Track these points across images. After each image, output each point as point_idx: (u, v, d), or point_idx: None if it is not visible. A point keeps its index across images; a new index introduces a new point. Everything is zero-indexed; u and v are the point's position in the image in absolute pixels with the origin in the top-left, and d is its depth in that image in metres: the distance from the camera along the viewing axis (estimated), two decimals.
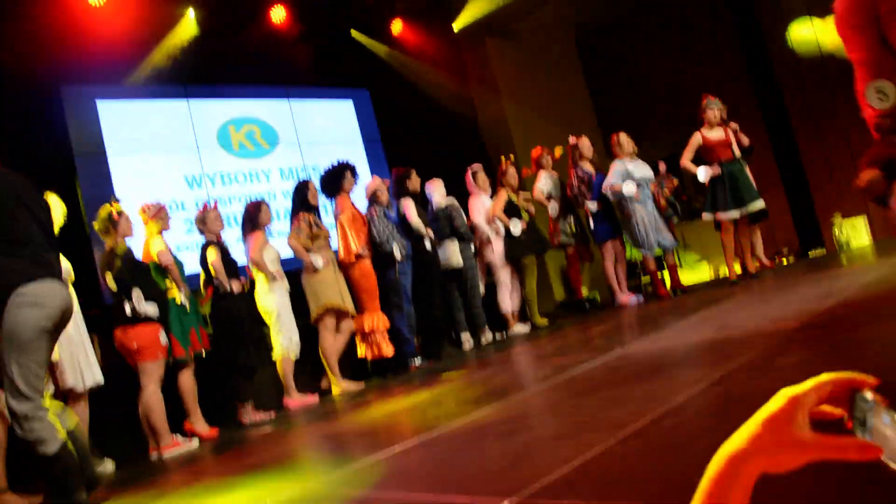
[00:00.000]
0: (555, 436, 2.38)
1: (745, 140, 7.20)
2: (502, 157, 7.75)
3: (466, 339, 7.24)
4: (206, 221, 5.66)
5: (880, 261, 5.24)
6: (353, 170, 6.61)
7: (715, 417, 2.11)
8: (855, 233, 7.60)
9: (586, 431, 2.31)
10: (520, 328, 7.45)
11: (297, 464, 3.38)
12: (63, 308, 2.80)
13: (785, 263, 7.81)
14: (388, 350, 6.41)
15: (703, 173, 6.58)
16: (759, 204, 6.58)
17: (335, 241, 6.47)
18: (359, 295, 6.36)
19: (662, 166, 8.30)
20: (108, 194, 6.11)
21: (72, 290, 4.39)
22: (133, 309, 4.61)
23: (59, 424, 2.71)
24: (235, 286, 5.50)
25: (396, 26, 9.03)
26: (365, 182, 6.81)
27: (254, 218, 5.97)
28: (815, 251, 7.86)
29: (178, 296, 5.12)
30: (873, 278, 4.31)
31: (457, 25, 9.53)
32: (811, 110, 7.99)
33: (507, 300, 7.49)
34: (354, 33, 8.43)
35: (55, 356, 4.05)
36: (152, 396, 4.68)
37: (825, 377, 0.65)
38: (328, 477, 2.80)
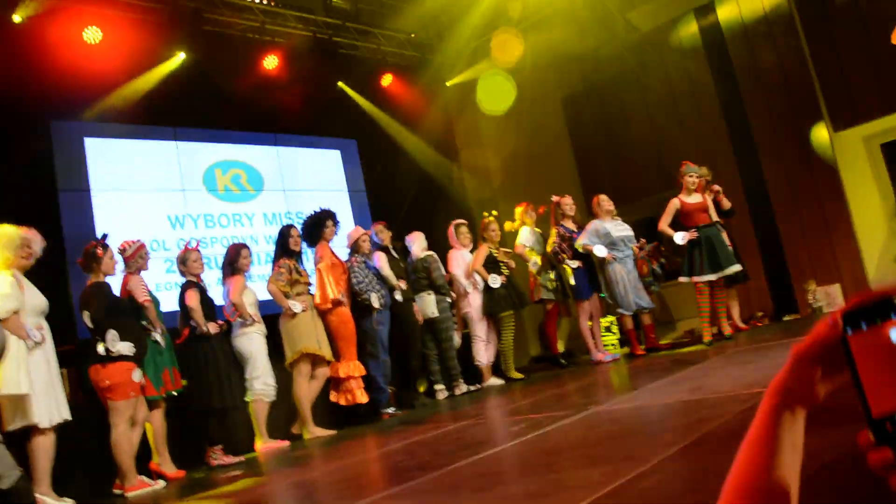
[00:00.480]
0: (529, 493, 2.38)
1: (727, 203, 7.37)
2: (485, 213, 7.85)
3: (441, 390, 7.24)
4: (187, 262, 5.66)
5: None
6: (334, 218, 6.66)
7: (692, 481, 2.13)
8: (829, 300, 7.74)
9: (561, 490, 2.32)
10: (494, 381, 7.46)
11: None
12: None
13: (760, 326, 7.90)
14: (363, 398, 6.39)
15: (679, 237, 6.71)
16: (735, 267, 6.70)
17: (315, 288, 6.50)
18: (336, 342, 6.36)
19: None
20: (89, 231, 6.12)
21: (45, 323, 4.36)
22: (107, 349, 4.57)
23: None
24: (212, 328, 5.48)
25: (386, 79, 9.20)
26: (347, 231, 6.87)
27: (234, 261, 5.99)
28: (789, 316, 7.97)
29: (154, 334, 5.10)
30: None
31: (449, 81, 9.74)
32: (788, 178, 8.19)
33: (483, 353, 7.51)
34: (341, 85, 8.55)
35: (24, 389, 4.00)
36: (122, 436, 4.61)
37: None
38: None
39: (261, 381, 5.78)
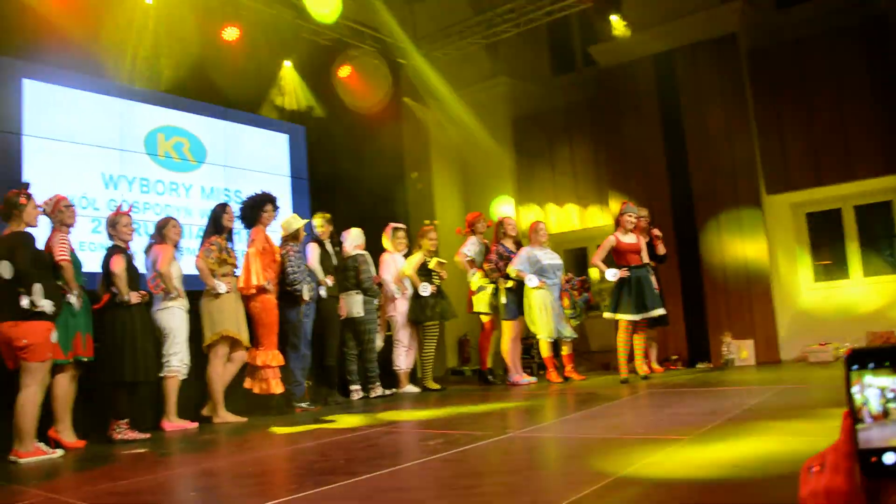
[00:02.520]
0: None
1: (662, 249, 7.61)
2: (426, 221, 7.88)
3: (356, 391, 7.20)
4: (117, 226, 5.45)
5: (763, 387, 5.55)
6: (274, 203, 6.55)
7: None
8: (741, 353, 8.05)
9: None
10: (410, 388, 7.47)
11: (165, 503, 3.21)
12: None
13: (673, 369, 8.15)
14: (278, 388, 6.29)
15: (610, 274, 6.87)
16: (659, 311, 6.91)
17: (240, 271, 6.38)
18: (257, 328, 6.24)
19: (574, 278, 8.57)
20: (15, 176, 5.82)
21: None
22: (32, 303, 4.35)
23: None
24: (134, 297, 5.29)
25: (344, 71, 9.10)
26: (285, 218, 6.75)
27: (163, 232, 5.81)
28: (702, 364, 8.26)
29: (69, 296, 4.87)
30: (757, 403, 4.56)
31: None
32: (719, 232, 8.49)
33: (403, 358, 7.52)
34: (296, 69, 8.39)
35: None
36: (31, 398, 4.40)
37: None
38: None
39: (178, 358, 5.63)
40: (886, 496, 0.67)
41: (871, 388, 0.70)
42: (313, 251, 6.93)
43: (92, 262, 5.83)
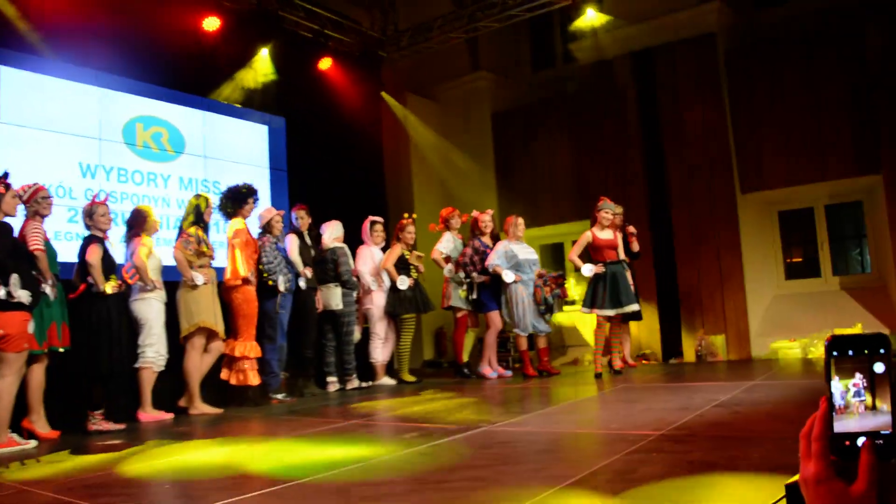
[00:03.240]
0: None
1: (636, 246, 7.72)
2: (405, 214, 7.90)
3: (332, 382, 7.23)
4: (94, 216, 5.42)
5: (734, 382, 5.66)
6: (255, 195, 6.57)
7: None
8: (712, 350, 8.19)
9: None
10: (386, 381, 7.51)
11: (138, 495, 3.22)
12: None
13: (646, 364, 8.27)
14: (255, 380, 6.32)
15: (587, 270, 6.95)
16: (634, 306, 7.02)
17: (220, 262, 6.37)
18: (236, 320, 6.27)
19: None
20: None
21: None
22: (8, 293, 4.33)
23: None
24: (110, 288, 5.27)
25: (325, 63, 9.08)
26: (261, 210, 6.76)
27: (141, 222, 5.79)
28: (675, 359, 8.38)
29: (44, 286, 4.85)
30: (728, 398, 4.66)
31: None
32: (693, 229, 8.61)
33: (379, 351, 7.55)
34: (276, 59, 8.35)
35: None
36: (7, 388, 4.39)
37: None
38: None
39: (153, 349, 5.63)
40: (893, 496, 0.71)
41: (835, 383, 0.75)
42: (292, 242, 6.94)
43: (68, 252, 5.80)
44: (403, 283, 7.47)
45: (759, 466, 2.72)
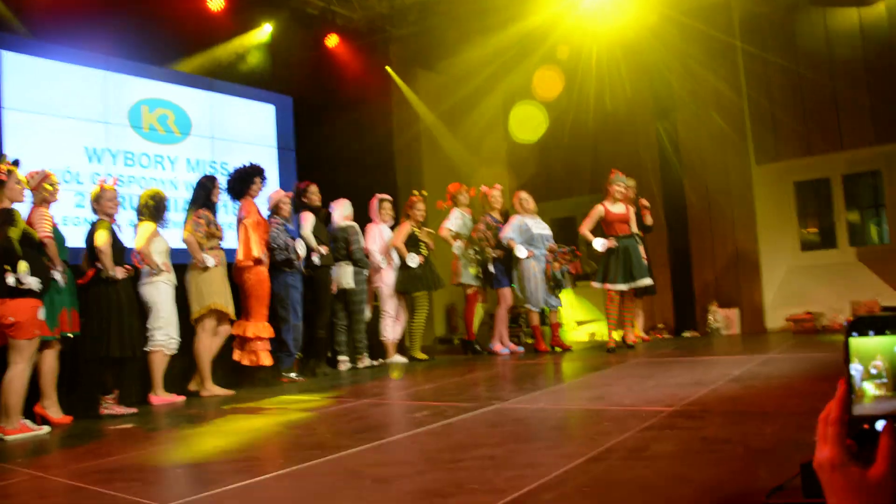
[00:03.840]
0: (429, 492, 2.40)
1: (650, 220, 7.62)
2: (414, 191, 7.84)
3: (343, 361, 7.23)
4: (101, 200, 5.38)
5: (748, 356, 5.60)
6: (262, 175, 6.53)
7: (595, 498, 2.19)
8: (727, 323, 8.12)
9: (463, 493, 2.34)
10: (398, 358, 7.50)
11: (152, 480, 3.21)
12: None
13: (660, 338, 8.22)
14: (267, 360, 6.32)
15: (599, 244, 6.89)
16: (647, 280, 6.95)
17: (231, 243, 6.34)
18: (249, 300, 6.26)
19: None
20: None
21: None
22: (18, 280, 4.31)
23: None
24: (120, 272, 5.26)
25: (332, 40, 8.99)
26: (270, 191, 6.72)
27: (150, 207, 5.76)
28: (688, 332, 8.32)
29: (53, 272, 4.83)
30: (742, 373, 4.60)
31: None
32: (708, 202, 8.50)
33: (390, 329, 7.53)
34: (278, 40, 8.26)
35: None
36: (19, 375, 4.39)
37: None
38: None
39: (163, 332, 5.62)
40: None
41: (854, 365, 0.72)
42: (307, 219, 6.90)
43: (76, 237, 5.79)
44: (413, 260, 7.43)
45: (773, 443, 2.68)
